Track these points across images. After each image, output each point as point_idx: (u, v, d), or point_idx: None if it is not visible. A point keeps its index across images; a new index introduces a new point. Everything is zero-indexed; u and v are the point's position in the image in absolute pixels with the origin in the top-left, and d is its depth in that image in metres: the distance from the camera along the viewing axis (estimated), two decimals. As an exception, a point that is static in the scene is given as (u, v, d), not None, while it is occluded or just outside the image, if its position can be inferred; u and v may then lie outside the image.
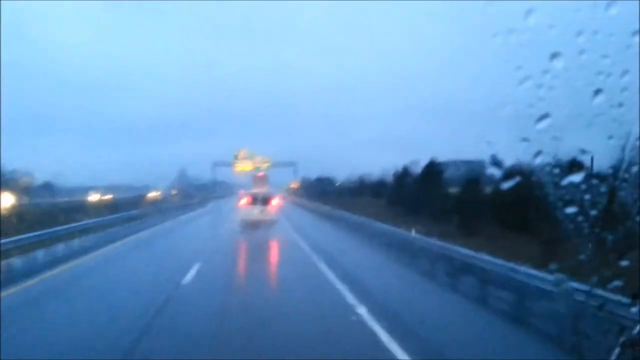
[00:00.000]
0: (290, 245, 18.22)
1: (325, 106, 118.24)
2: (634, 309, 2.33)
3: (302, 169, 65.67)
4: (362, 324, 7.49)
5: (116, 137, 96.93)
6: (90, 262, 14.14)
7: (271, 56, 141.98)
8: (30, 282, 10.96)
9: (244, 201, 26.42)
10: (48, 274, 12.01)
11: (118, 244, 18.35)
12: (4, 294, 9.51)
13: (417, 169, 41.59)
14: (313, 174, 66.25)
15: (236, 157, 60.31)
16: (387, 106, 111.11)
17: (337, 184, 58.23)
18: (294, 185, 71.95)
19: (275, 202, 26.58)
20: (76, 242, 17.69)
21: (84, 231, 19.57)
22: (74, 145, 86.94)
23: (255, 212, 25.25)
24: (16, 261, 13.77)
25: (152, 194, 47.48)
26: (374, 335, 6.89)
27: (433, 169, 27.38)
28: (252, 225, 23.98)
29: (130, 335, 6.75)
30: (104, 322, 7.64)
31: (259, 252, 16.91)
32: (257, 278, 12.03)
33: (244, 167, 60.14)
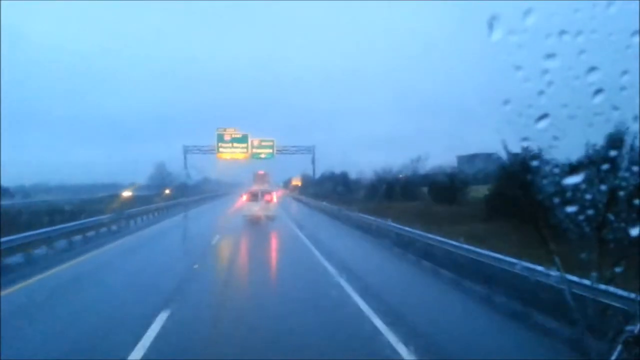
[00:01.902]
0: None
1: (322, 102, 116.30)
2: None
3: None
4: None
5: (100, 134, 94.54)
6: None
7: (265, 50, 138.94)
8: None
9: (244, 197, 27.22)
10: None
11: None
12: None
13: (424, 165, 38.01)
14: (317, 169, 50.08)
15: (221, 139, 40.98)
16: (385, 104, 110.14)
17: (360, 182, 43.53)
18: (296, 182, 58.66)
19: (275, 197, 27.53)
20: None
21: None
22: (54, 143, 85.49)
23: (256, 208, 26.03)
24: None
25: (125, 195, 36.97)
26: None
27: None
28: None
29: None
30: None
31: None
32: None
33: (234, 154, 40.86)
